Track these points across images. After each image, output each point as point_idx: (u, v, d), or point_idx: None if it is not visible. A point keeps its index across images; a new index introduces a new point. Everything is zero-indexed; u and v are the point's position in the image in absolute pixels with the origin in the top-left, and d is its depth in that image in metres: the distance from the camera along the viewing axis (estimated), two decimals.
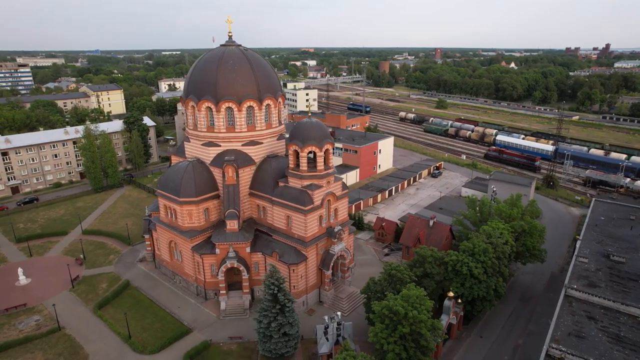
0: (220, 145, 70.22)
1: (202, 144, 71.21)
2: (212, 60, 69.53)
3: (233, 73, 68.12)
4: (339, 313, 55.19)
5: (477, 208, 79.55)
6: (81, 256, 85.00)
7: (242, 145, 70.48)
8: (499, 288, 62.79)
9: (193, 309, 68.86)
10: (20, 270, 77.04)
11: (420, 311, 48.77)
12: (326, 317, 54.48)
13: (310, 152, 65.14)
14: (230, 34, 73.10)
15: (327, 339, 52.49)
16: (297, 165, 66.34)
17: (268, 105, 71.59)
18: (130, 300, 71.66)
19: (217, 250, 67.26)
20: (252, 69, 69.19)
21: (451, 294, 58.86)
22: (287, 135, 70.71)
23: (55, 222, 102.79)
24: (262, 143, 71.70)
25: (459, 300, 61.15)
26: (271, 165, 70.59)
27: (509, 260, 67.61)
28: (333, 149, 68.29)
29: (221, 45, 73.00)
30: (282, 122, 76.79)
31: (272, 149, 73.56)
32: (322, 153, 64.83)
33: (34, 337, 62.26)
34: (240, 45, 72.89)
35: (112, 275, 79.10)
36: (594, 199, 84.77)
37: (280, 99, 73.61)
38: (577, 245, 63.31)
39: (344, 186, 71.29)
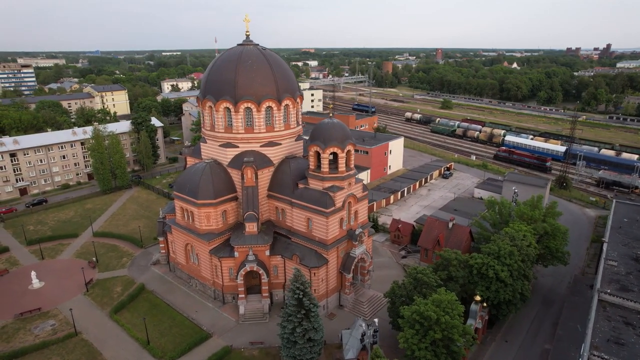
0: (238, 147, 68.97)
1: (219, 145, 69.97)
2: (230, 60, 68.30)
3: (252, 73, 66.87)
4: (376, 320, 53.99)
5: (497, 209, 78.32)
6: (94, 259, 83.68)
7: (261, 146, 69.23)
8: (525, 291, 61.62)
9: (211, 314, 67.59)
10: (33, 274, 75.72)
11: (453, 316, 47.62)
12: (363, 324, 53.43)
13: (331, 153, 63.88)
14: (247, 33, 71.86)
15: (364, 346, 51.29)
16: (318, 166, 65.10)
17: (287, 105, 70.36)
18: (146, 304, 70.34)
19: (236, 254, 65.97)
20: (271, 69, 67.97)
21: (478, 297, 57.64)
22: (307, 137, 69.51)
23: (65, 224, 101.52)
24: (280, 144, 70.45)
25: (484, 304, 59.96)
26: (290, 166, 69.32)
27: (532, 262, 66.47)
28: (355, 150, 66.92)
29: (238, 44, 71.79)
30: (300, 123, 75.54)
31: (290, 150, 72.33)
32: (344, 154, 63.56)
33: (50, 342, 60.94)
34: (257, 44, 71.72)
35: (126, 279, 77.80)
36: (614, 200, 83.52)
37: (298, 99, 72.41)
38: (604, 248, 62.08)
39: (364, 188, 70.07)
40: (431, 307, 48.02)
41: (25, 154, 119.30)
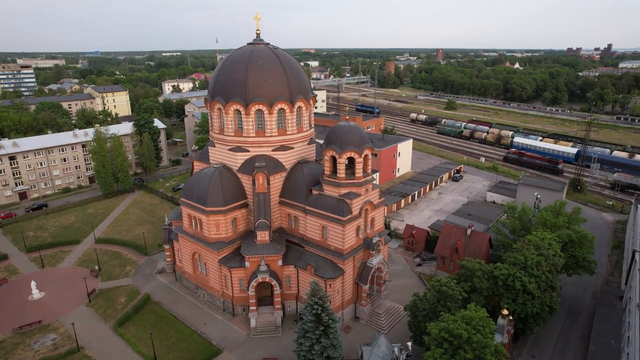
0: (249, 151, 65.63)
1: (229, 149, 66.63)
2: (240, 60, 64.97)
3: (263, 73, 63.56)
4: (409, 343, 50.73)
5: (517, 215, 75.06)
6: (96, 267, 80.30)
7: (273, 150, 65.90)
8: (553, 304, 58.28)
9: (221, 327, 64.19)
10: (33, 284, 72.28)
11: (485, 335, 44.29)
12: (395, 348, 50.34)
13: (347, 158, 60.52)
14: (258, 32, 68.56)
15: None
16: (333, 171, 61.76)
17: (299, 107, 67.07)
18: (152, 316, 66.90)
19: (247, 264, 62.65)
20: (283, 69, 64.64)
21: (505, 311, 54.29)
22: (319, 141, 66.20)
23: (66, 229, 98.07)
24: (293, 148, 67.13)
25: (511, 318, 56.61)
26: (303, 171, 66.01)
27: (558, 272, 63.20)
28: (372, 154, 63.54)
29: (248, 43, 68.49)
30: (312, 126, 72.21)
31: (302, 154, 69.03)
32: (361, 159, 60.22)
33: (51, 358, 57.52)
34: (268, 43, 68.39)
35: (130, 289, 74.41)
36: (638, 205, 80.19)
37: (311, 101, 69.15)
38: (637, 258, 58.78)
39: (381, 194, 66.76)
40: (461, 324, 44.66)
41: (24, 157, 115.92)
